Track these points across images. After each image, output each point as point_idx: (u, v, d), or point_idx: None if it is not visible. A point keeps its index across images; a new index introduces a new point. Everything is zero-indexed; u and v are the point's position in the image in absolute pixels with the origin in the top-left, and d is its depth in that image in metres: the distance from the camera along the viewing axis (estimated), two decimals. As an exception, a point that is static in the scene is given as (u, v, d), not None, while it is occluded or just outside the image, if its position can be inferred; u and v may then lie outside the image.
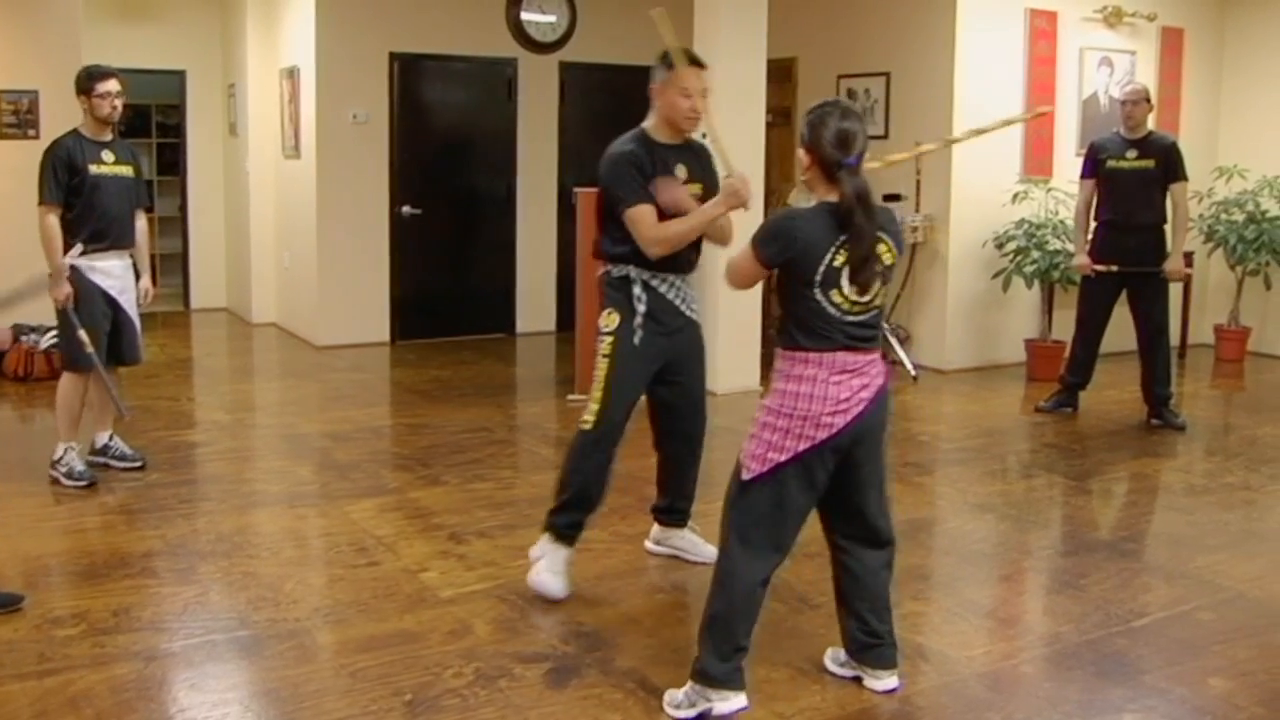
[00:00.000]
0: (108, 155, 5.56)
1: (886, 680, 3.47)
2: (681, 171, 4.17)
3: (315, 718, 3.31)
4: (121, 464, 5.75)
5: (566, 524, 4.23)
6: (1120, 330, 7.23)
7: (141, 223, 5.78)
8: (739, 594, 3.30)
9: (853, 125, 3.21)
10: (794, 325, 3.25)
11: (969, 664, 3.72)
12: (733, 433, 4.57)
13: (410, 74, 9.55)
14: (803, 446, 3.20)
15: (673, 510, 4.59)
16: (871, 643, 3.46)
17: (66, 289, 5.38)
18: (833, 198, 3.20)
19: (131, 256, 5.70)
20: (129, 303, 5.65)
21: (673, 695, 3.36)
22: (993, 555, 4.91)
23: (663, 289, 4.14)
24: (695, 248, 4.21)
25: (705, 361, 4.41)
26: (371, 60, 9.34)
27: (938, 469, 6.17)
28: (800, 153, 3.28)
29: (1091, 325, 7.15)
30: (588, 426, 4.16)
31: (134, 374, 6.88)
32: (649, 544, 4.70)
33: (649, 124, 4.22)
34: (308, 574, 4.52)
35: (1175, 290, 7.68)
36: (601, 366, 4.14)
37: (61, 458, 5.51)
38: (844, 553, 3.47)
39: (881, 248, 3.22)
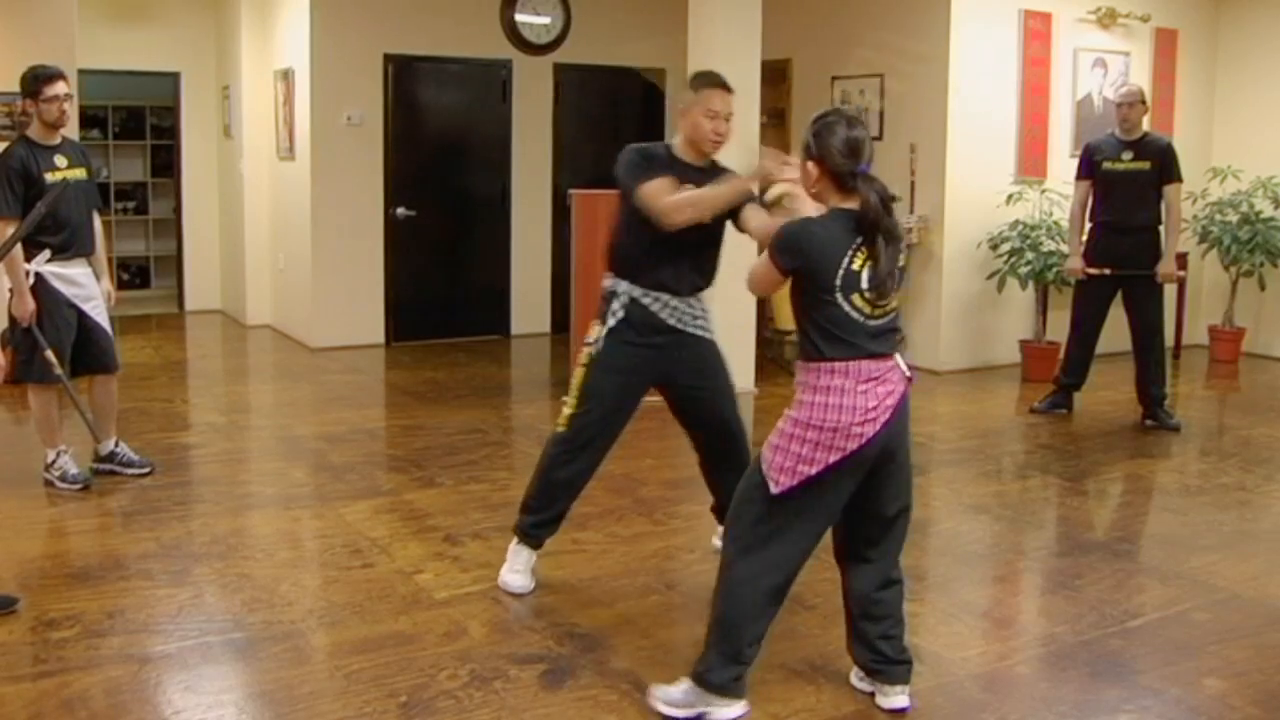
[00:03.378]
0: (60, 160, 5.35)
1: (895, 698, 3.37)
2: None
3: (310, 720, 3.31)
4: (129, 470, 5.66)
5: (529, 525, 4.27)
6: (1115, 331, 7.24)
7: (98, 225, 5.61)
8: (748, 603, 3.23)
9: (860, 133, 3.17)
10: (816, 335, 3.16)
11: (964, 665, 3.72)
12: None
13: (405, 76, 9.55)
14: (834, 458, 3.12)
15: (724, 509, 4.55)
16: (879, 669, 3.38)
17: (31, 305, 5.21)
18: (848, 205, 3.15)
19: (90, 262, 5.52)
20: (96, 309, 5.50)
21: (666, 693, 3.34)
22: (988, 556, 4.91)
23: (654, 306, 4.08)
24: (699, 271, 4.14)
25: (723, 373, 4.31)
26: (366, 62, 9.33)
27: (933, 470, 6.17)
28: (809, 165, 3.20)
29: (1087, 326, 7.16)
30: (560, 428, 4.19)
31: (129, 376, 6.87)
32: (716, 540, 4.59)
33: (675, 142, 4.19)
34: (302, 576, 4.51)
35: (1170, 291, 7.70)
36: (577, 375, 4.17)
37: (54, 462, 5.48)
38: (856, 575, 3.38)
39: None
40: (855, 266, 3.11)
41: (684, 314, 4.15)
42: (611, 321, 4.10)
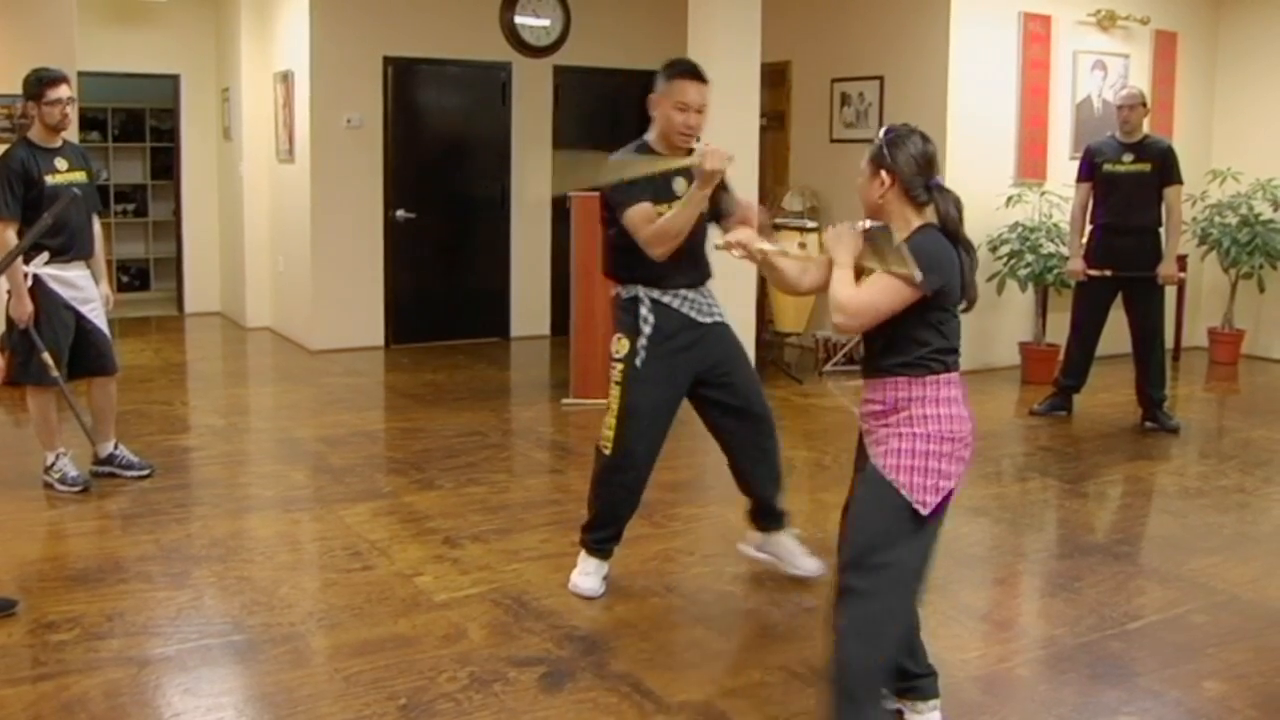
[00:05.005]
0: (61, 163, 5.34)
1: (929, 715, 3.30)
2: (681, 186, 4.03)
3: (309, 722, 3.31)
4: (129, 473, 5.65)
5: (595, 540, 4.27)
6: (1115, 333, 7.24)
7: (98, 228, 5.60)
8: (896, 640, 3.09)
9: (933, 147, 3.14)
10: (934, 349, 3.06)
11: (964, 667, 3.72)
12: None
13: (404, 78, 9.56)
14: (960, 469, 3.07)
15: (763, 512, 4.41)
16: (908, 686, 3.30)
17: (29, 307, 5.21)
18: (920, 219, 3.08)
19: (89, 265, 5.50)
20: (94, 312, 5.49)
21: None
22: (987, 558, 4.91)
23: (675, 304, 4.06)
24: (699, 261, 4.12)
25: (744, 353, 4.30)
26: (365, 64, 9.34)
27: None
28: (883, 175, 3.10)
29: (1087, 328, 7.16)
30: (606, 451, 4.14)
31: (128, 378, 6.87)
32: (743, 547, 4.55)
33: (649, 136, 4.11)
34: (302, 578, 4.51)
35: (1170, 293, 7.69)
36: (614, 394, 4.08)
37: (54, 464, 5.48)
38: None
39: None
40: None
41: (702, 305, 4.13)
42: (647, 329, 4.03)
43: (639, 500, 4.26)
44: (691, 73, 4.00)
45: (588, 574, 4.26)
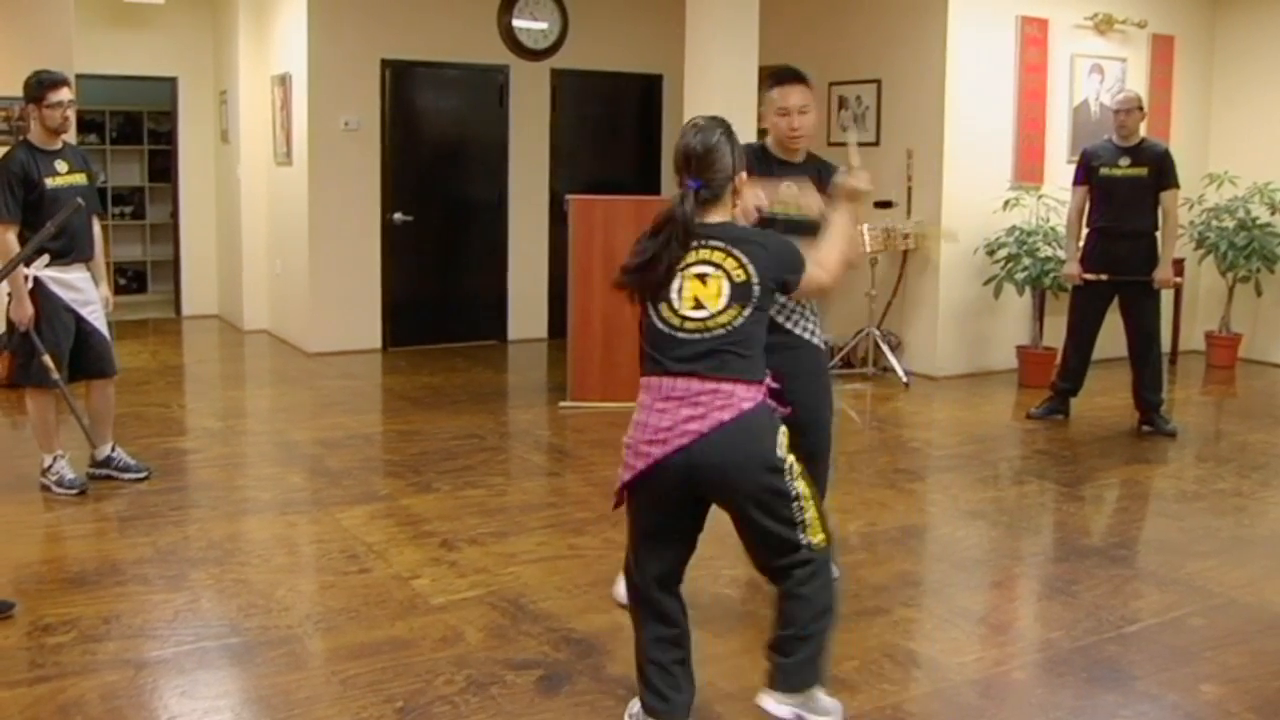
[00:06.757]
0: (61, 165, 5.36)
1: (771, 704, 3.12)
2: (790, 190, 3.98)
3: (306, 725, 3.30)
4: (126, 475, 5.65)
5: None
6: (1111, 337, 7.24)
7: (97, 230, 5.60)
8: (639, 604, 3.22)
9: (691, 142, 3.01)
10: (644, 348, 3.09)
11: (961, 670, 3.72)
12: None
13: (402, 81, 9.56)
14: (626, 475, 3.02)
15: None
16: (773, 657, 3.17)
17: (29, 309, 5.21)
18: (719, 217, 3.04)
19: (89, 268, 5.51)
20: (94, 315, 5.49)
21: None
22: (984, 562, 4.91)
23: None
24: None
25: (824, 383, 4.18)
26: (363, 67, 9.34)
27: (929, 475, 6.17)
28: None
29: (1083, 332, 7.16)
30: None
31: (126, 381, 6.86)
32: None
33: (769, 140, 4.16)
34: (299, 581, 4.51)
35: (1167, 297, 7.70)
36: None
37: (50, 466, 5.48)
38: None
39: (727, 261, 2.97)
40: (665, 278, 2.97)
41: (796, 317, 4.03)
42: None
43: None
44: (790, 78, 4.06)
45: None
